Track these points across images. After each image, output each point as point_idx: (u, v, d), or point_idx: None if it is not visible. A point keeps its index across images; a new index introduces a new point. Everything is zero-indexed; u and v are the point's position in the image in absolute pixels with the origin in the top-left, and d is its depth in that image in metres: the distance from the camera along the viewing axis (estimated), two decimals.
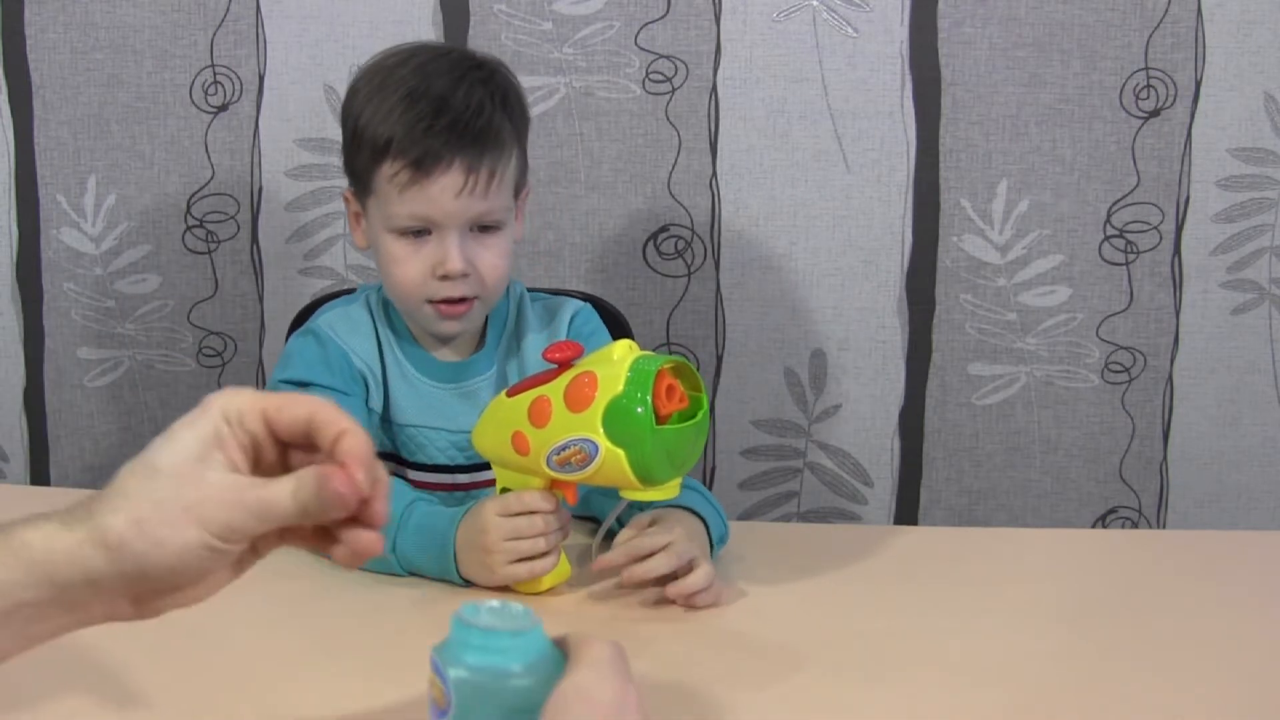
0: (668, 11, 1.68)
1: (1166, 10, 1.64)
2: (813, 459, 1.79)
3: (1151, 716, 0.84)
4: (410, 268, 1.12)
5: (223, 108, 1.75)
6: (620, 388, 0.87)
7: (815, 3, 1.66)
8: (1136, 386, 1.75)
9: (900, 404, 1.77)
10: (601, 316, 1.27)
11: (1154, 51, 1.66)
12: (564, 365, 0.94)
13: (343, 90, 1.74)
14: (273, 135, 1.75)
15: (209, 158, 1.76)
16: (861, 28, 1.67)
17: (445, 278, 1.11)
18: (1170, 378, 1.75)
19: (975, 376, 1.75)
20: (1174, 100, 1.67)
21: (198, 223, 1.78)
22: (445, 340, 1.19)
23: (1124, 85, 1.66)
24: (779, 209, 1.72)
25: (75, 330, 1.81)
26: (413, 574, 1.03)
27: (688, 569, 0.98)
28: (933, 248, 1.72)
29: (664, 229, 1.73)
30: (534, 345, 1.21)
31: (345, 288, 1.59)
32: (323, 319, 1.19)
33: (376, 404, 1.17)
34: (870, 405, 1.77)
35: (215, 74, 1.74)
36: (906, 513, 1.80)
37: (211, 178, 1.77)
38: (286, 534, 0.63)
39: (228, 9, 1.72)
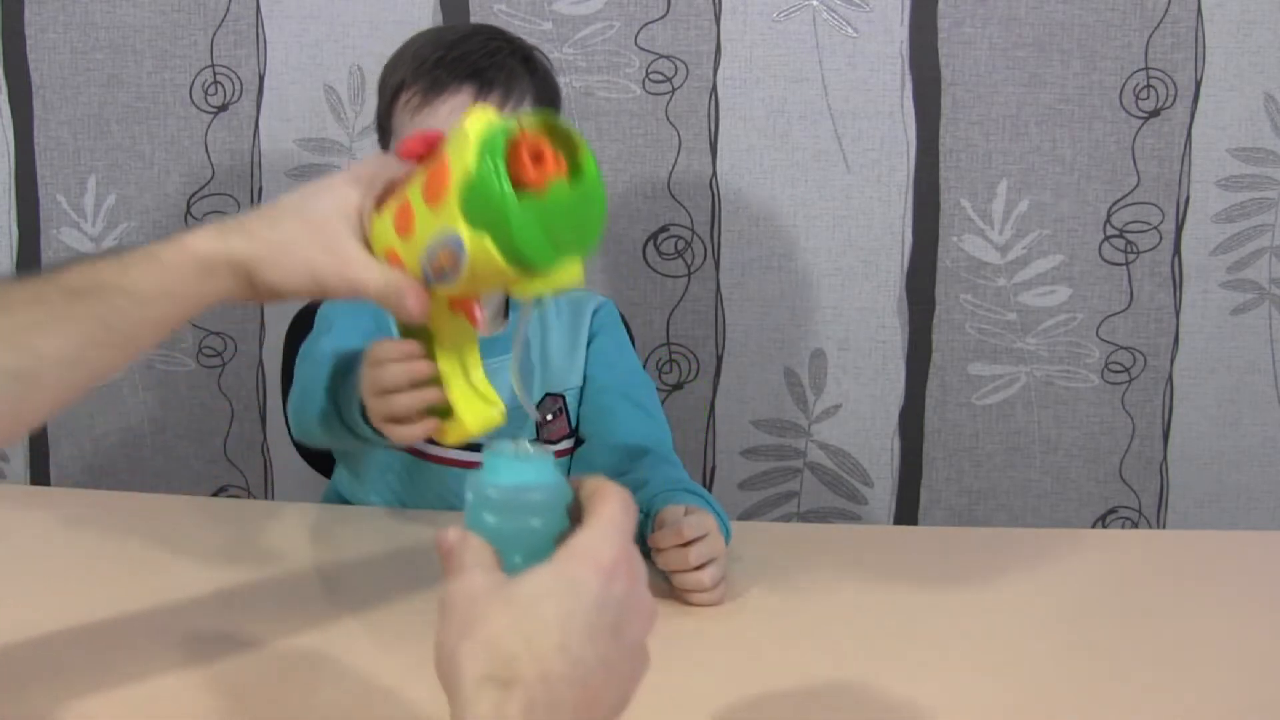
0: (668, 11, 1.68)
1: (1166, 10, 1.64)
2: (813, 459, 1.79)
3: (1151, 716, 0.84)
4: None
5: (223, 108, 1.75)
6: (471, 160, 0.70)
7: (815, 3, 1.66)
8: (1136, 386, 1.75)
9: (900, 404, 1.77)
10: None
11: (1154, 51, 1.66)
12: (422, 158, 0.78)
13: (343, 90, 1.75)
14: (273, 135, 1.75)
15: (209, 158, 1.76)
16: (861, 28, 1.67)
17: None
18: (1170, 378, 1.75)
19: (975, 376, 1.75)
20: (1174, 100, 1.67)
21: (198, 222, 1.78)
22: None
23: (1124, 85, 1.67)
24: (779, 209, 1.72)
25: None
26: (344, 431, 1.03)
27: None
28: (933, 248, 1.72)
29: (664, 229, 1.73)
30: (559, 337, 1.24)
31: None
32: (343, 303, 1.22)
33: None
34: (870, 405, 1.77)
35: (215, 74, 1.74)
36: (906, 513, 1.80)
37: (211, 178, 1.77)
38: None
39: (228, 9, 1.72)
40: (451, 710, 0.55)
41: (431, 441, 1.12)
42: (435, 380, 0.82)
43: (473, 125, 0.71)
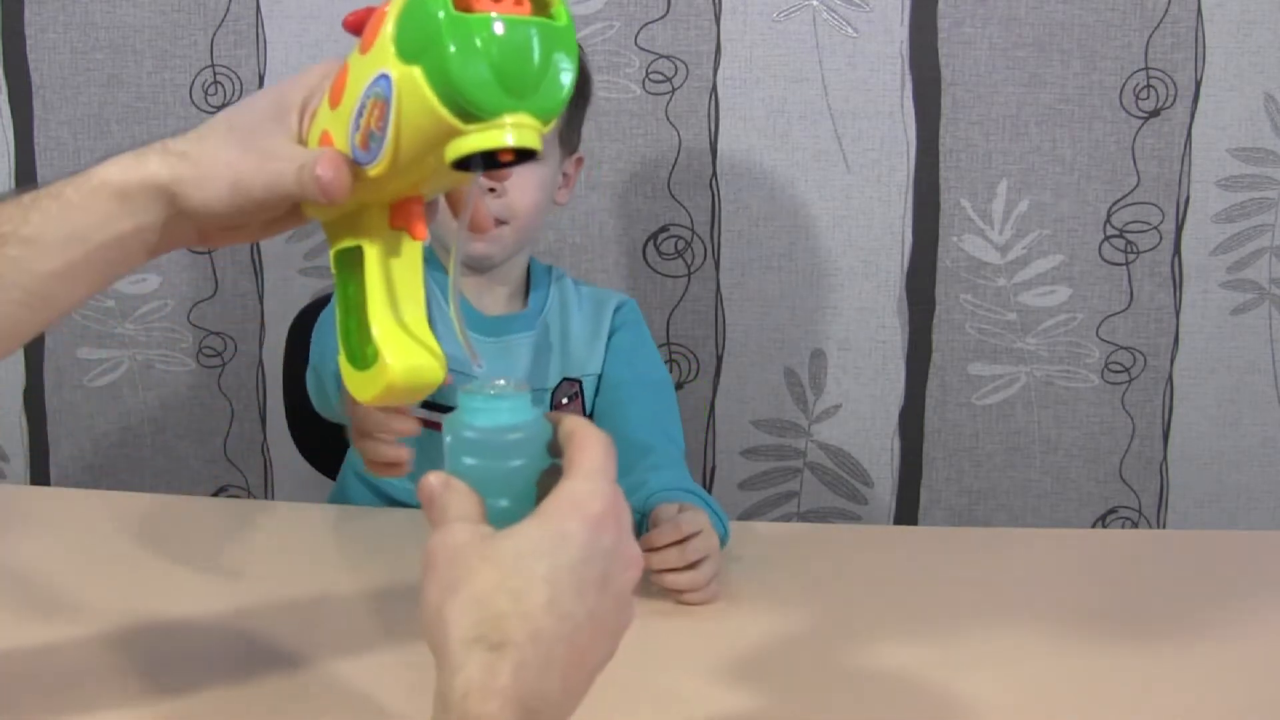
0: (668, 11, 1.68)
1: (1166, 10, 1.64)
2: (813, 459, 1.79)
3: (1151, 716, 0.84)
4: None
5: (222, 108, 1.75)
6: None
7: (815, 3, 1.66)
8: (1136, 386, 1.75)
9: (900, 404, 1.77)
10: None
11: (1154, 51, 1.66)
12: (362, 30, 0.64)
13: None
14: None
15: None
16: (861, 28, 1.67)
17: None
18: (1170, 378, 1.75)
19: (975, 376, 1.75)
20: (1174, 100, 1.67)
21: None
22: (482, 270, 1.22)
23: (1124, 85, 1.67)
24: (779, 209, 1.72)
25: (75, 330, 1.81)
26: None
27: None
28: (933, 248, 1.72)
29: (664, 229, 1.73)
30: (580, 325, 1.27)
31: None
32: None
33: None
34: (870, 405, 1.77)
35: (215, 74, 1.74)
36: (906, 513, 1.80)
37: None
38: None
39: (228, 9, 1.72)
40: (439, 671, 0.54)
41: (432, 406, 1.09)
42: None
43: None
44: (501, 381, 0.61)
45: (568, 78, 0.59)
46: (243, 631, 0.92)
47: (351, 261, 0.66)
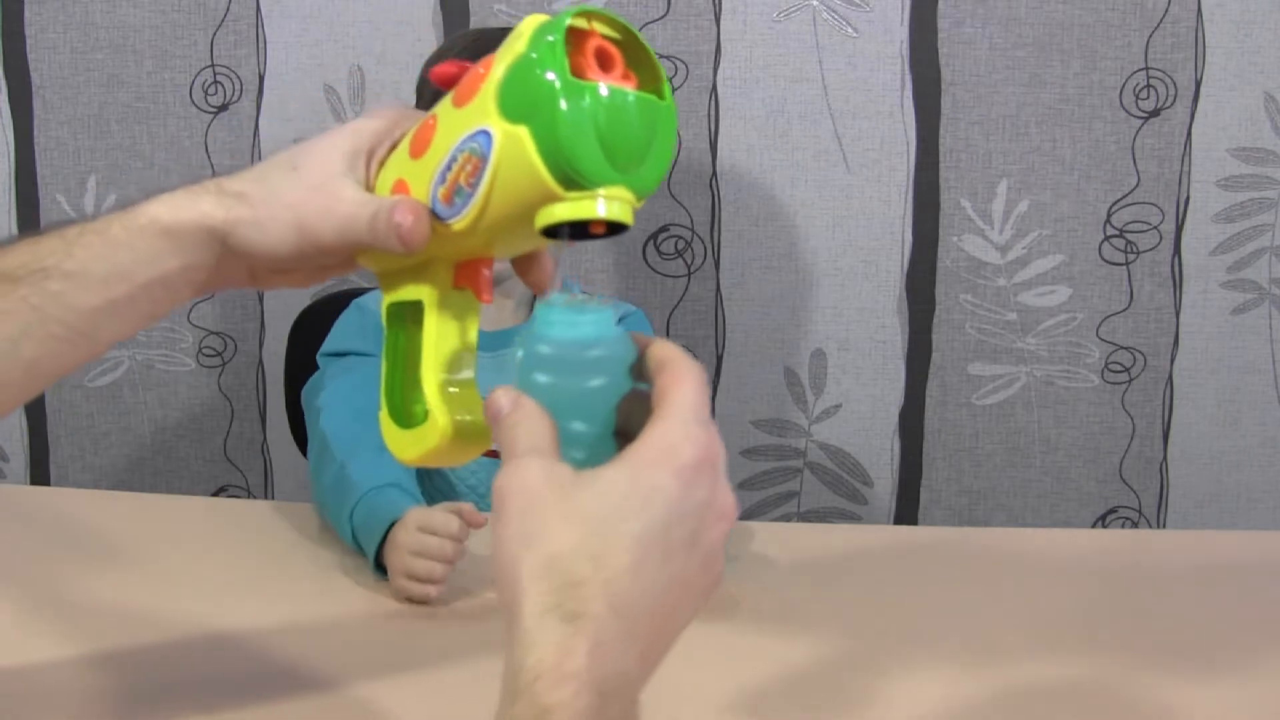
0: (668, 11, 1.68)
1: (1166, 10, 1.64)
2: (813, 459, 1.79)
3: (1151, 716, 0.84)
4: None
5: (223, 108, 1.75)
6: (523, 47, 0.56)
7: (815, 3, 1.66)
8: (1136, 386, 1.75)
9: (900, 404, 1.77)
10: None
11: (1154, 51, 1.66)
12: (455, 83, 0.62)
13: (343, 90, 1.75)
14: (273, 135, 1.75)
15: (209, 158, 1.76)
16: (861, 28, 1.67)
17: None
18: (1170, 378, 1.75)
19: (975, 376, 1.75)
20: (1174, 100, 1.67)
21: None
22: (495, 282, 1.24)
23: (1124, 85, 1.66)
24: (779, 209, 1.72)
25: None
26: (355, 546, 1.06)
27: None
28: (933, 248, 1.72)
29: (664, 229, 1.73)
30: None
31: (346, 287, 1.59)
32: (373, 291, 1.26)
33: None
34: (870, 405, 1.77)
35: (215, 74, 1.74)
36: (906, 513, 1.80)
37: (211, 178, 1.77)
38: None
39: (228, 9, 1.72)
40: (509, 637, 0.49)
41: None
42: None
43: (529, 21, 0.58)
44: (583, 294, 0.57)
45: (667, 157, 0.59)
46: (243, 631, 0.92)
47: (406, 315, 0.65)
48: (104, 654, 0.86)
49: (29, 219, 1.79)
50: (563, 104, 0.54)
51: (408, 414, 0.64)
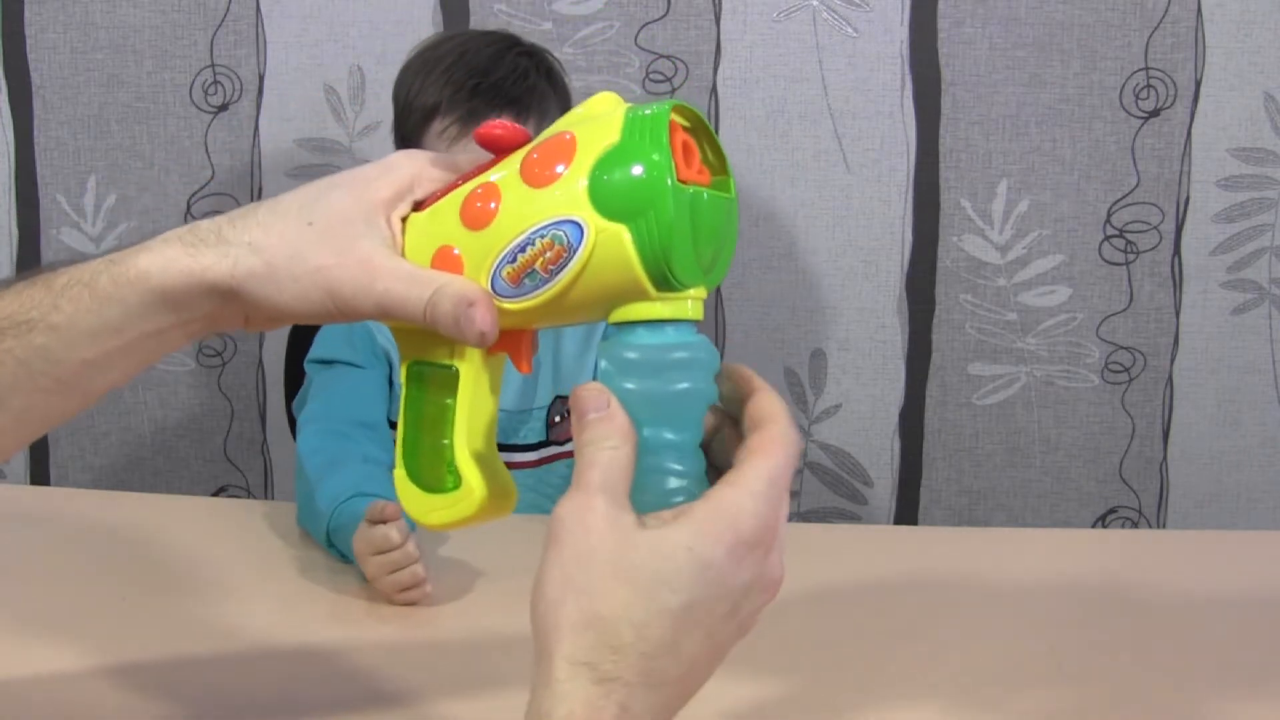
0: (668, 11, 1.68)
1: (1166, 10, 1.64)
2: (813, 459, 1.79)
3: (1152, 716, 0.84)
4: None
5: (223, 108, 1.75)
6: (616, 136, 0.55)
7: (815, 3, 1.66)
8: (1136, 386, 1.75)
9: (900, 404, 1.77)
10: None
11: (1154, 51, 1.66)
12: (507, 150, 0.59)
13: (343, 90, 1.75)
14: (273, 135, 1.75)
15: (209, 158, 1.76)
16: (861, 28, 1.67)
17: None
18: (1170, 378, 1.75)
19: (975, 376, 1.75)
20: (1174, 100, 1.67)
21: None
22: None
23: (1124, 85, 1.66)
24: (779, 209, 1.72)
25: None
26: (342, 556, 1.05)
27: None
28: (933, 248, 1.72)
29: None
30: (571, 342, 1.25)
31: None
32: (336, 341, 1.25)
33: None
34: (870, 405, 1.77)
35: (215, 74, 1.74)
36: (906, 513, 1.80)
37: (211, 178, 1.77)
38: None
39: (228, 9, 1.72)
40: (538, 675, 0.50)
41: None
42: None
43: (611, 108, 0.57)
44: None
45: (733, 250, 0.60)
46: (243, 632, 0.92)
47: (431, 378, 0.61)
48: (103, 655, 0.86)
49: (29, 219, 1.79)
50: (672, 213, 0.53)
51: (433, 479, 0.61)
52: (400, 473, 0.62)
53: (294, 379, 1.52)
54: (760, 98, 1.69)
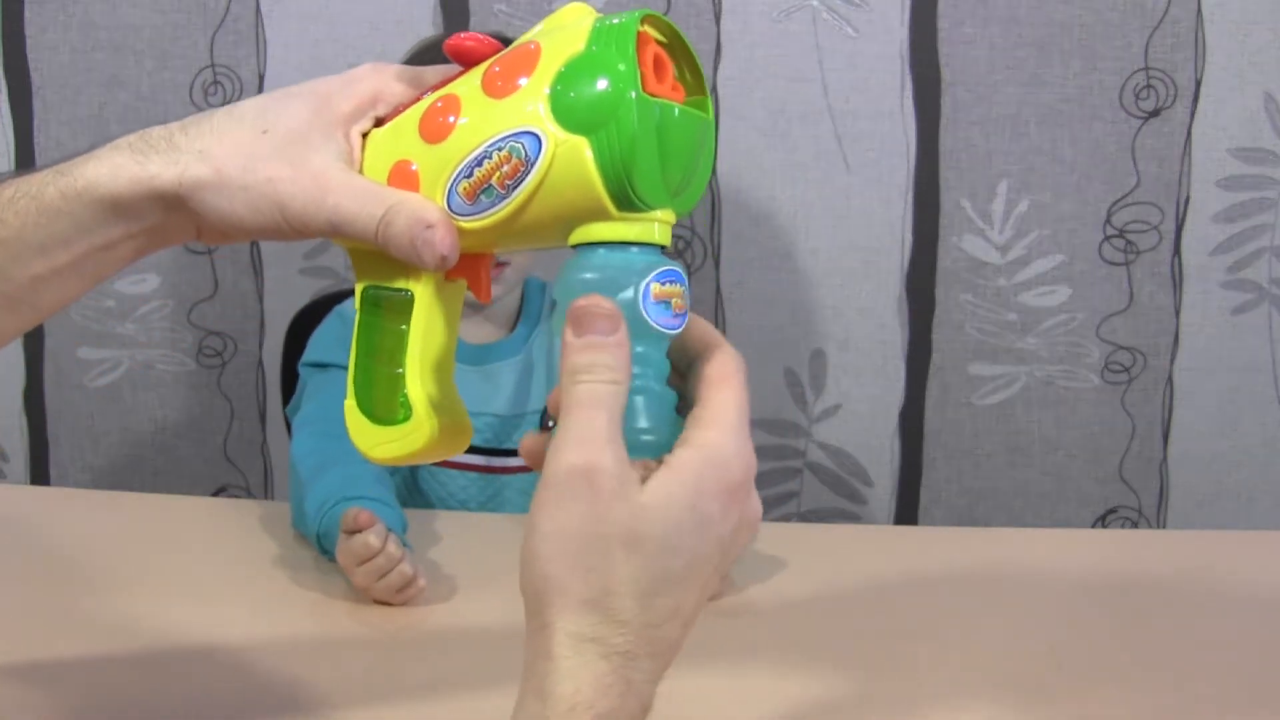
0: (667, 11, 1.68)
1: (1166, 10, 1.64)
2: (813, 459, 1.79)
3: (1152, 716, 0.84)
4: None
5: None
6: (581, 45, 0.52)
7: (815, 3, 1.66)
8: (1136, 386, 1.75)
9: (900, 404, 1.77)
10: None
11: (1154, 51, 1.66)
12: (477, 63, 0.57)
13: None
14: None
15: None
16: (861, 28, 1.66)
17: None
18: (1170, 378, 1.75)
19: (975, 376, 1.75)
20: (1174, 100, 1.67)
21: None
22: (478, 308, 1.23)
23: (1124, 85, 1.66)
24: (779, 209, 1.72)
25: (75, 330, 1.81)
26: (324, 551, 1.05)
27: None
28: (933, 248, 1.71)
29: None
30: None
31: (346, 288, 1.59)
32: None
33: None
34: (870, 405, 1.77)
35: (215, 74, 1.74)
36: (906, 513, 1.80)
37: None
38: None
39: (228, 9, 1.72)
40: (535, 644, 0.49)
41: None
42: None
43: (579, 17, 0.54)
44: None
45: (707, 177, 0.56)
46: (243, 632, 0.92)
47: (385, 303, 0.58)
48: (103, 655, 0.86)
49: None
50: (637, 126, 0.50)
51: (384, 410, 0.58)
52: (350, 404, 0.59)
53: (291, 379, 1.52)
54: (760, 98, 1.69)
